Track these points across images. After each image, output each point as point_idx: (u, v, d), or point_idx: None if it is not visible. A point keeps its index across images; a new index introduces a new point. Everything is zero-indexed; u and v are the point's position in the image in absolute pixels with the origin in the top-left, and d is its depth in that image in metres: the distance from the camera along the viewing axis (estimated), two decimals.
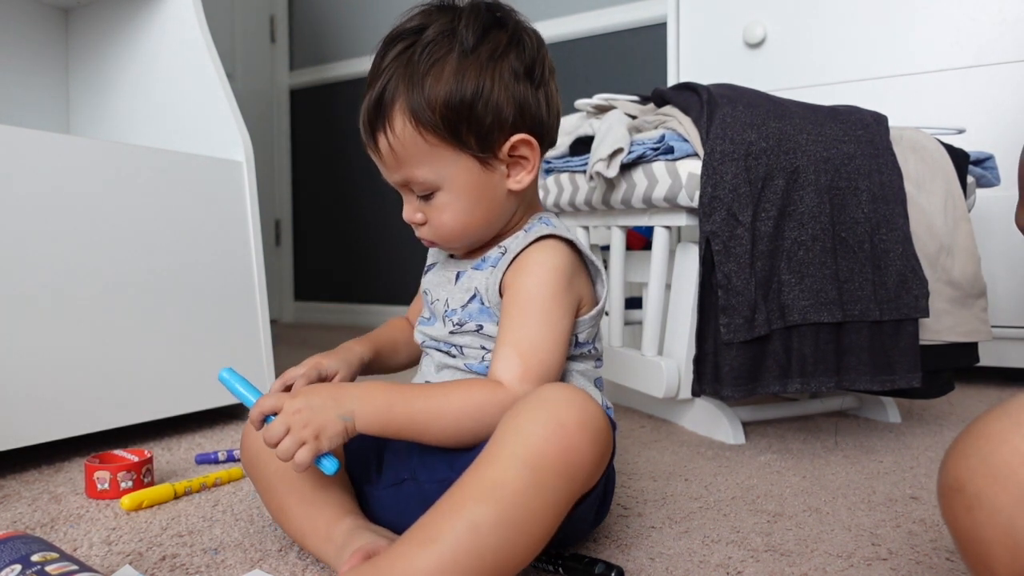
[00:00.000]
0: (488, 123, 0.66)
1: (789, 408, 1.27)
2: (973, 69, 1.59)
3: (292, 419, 0.61)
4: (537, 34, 0.72)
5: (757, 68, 1.79)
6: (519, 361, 0.64)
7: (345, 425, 0.61)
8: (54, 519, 0.83)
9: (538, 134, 0.70)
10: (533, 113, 0.69)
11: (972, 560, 0.47)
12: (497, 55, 0.67)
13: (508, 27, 0.69)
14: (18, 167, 1.02)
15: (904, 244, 1.11)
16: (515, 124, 0.68)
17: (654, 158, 1.14)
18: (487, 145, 0.67)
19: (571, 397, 0.58)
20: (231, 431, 1.24)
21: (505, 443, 0.56)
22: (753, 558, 0.71)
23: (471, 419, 0.63)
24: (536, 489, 0.54)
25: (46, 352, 1.03)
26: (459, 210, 0.69)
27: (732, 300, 1.04)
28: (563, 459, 0.55)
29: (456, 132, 0.66)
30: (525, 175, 0.69)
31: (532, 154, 0.69)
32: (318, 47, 3.02)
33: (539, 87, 0.70)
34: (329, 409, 0.61)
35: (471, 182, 0.68)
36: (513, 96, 0.67)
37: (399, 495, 0.71)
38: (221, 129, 1.36)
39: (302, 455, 0.60)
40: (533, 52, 0.69)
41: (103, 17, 1.52)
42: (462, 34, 0.66)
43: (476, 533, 0.52)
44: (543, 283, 0.67)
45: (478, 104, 0.66)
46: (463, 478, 0.56)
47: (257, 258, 1.35)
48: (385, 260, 2.88)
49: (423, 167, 0.67)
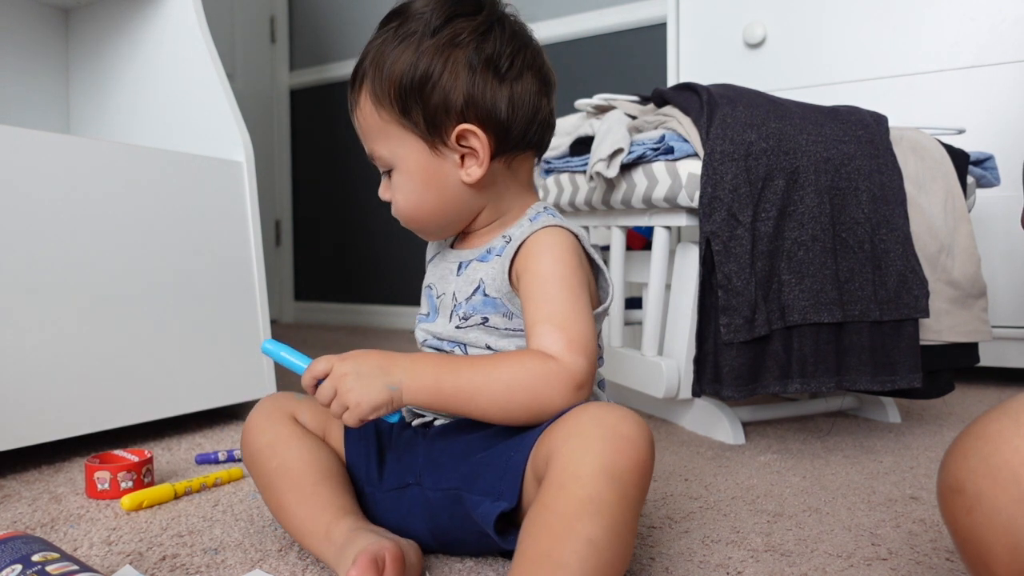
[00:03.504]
0: (434, 106, 0.66)
1: (789, 408, 1.27)
2: (973, 69, 1.59)
3: (339, 382, 0.62)
4: (522, 31, 0.71)
5: (757, 68, 1.79)
6: (561, 334, 0.63)
7: (391, 395, 0.61)
8: (54, 519, 0.83)
9: (491, 129, 0.68)
10: (486, 106, 0.67)
11: (972, 560, 0.47)
12: (456, 42, 0.66)
13: (480, 17, 0.68)
14: (18, 167, 1.02)
15: (904, 244, 1.11)
16: (463, 113, 0.67)
17: (654, 158, 1.14)
18: (434, 128, 0.67)
19: (620, 411, 0.59)
20: (231, 431, 1.24)
21: (582, 459, 0.55)
22: (753, 558, 0.71)
23: (524, 389, 0.61)
24: (625, 501, 0.54)
25: (46, 352, 1.03)
26: (409, 191, 0.70)
27: (732, 300, 1.04)
28: (637, 470, 0.56)
29: (406, 111, 0.67)
30: (476, 167, 0.68)
31: (480, 147, 0.67)
32: (318, 47, 3.02)
33: (503, 82, 0.68)
34: (376, 377, 0.62)
35: (420, 164, 0.69)
36: (464, 85, 0.66)
37: (402, 499, 0.70)
38: (221, 129, 1.36)
39: (348, 418, 0.61)
40: (502, 46, 0.68)
41: (103, 17, 1.52)
42: (429, 16, 0.67)
43: (596, 549, 0.51)
44: (558, 261, 0.66)
45: (427, 86, 0.66)
46: (548, 497, 0.54)
47: (257, 258, 1.35)
48: (385, 260, 2.88)
49: (379, 143, 0.70)
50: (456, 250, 0.76)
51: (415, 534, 0.70)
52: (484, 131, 0.67)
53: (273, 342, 0.69)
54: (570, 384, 0.62)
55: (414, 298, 2.79)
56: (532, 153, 0.73)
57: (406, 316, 2.83)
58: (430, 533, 0.69)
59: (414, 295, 2.79)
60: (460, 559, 0.70)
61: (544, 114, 0.71)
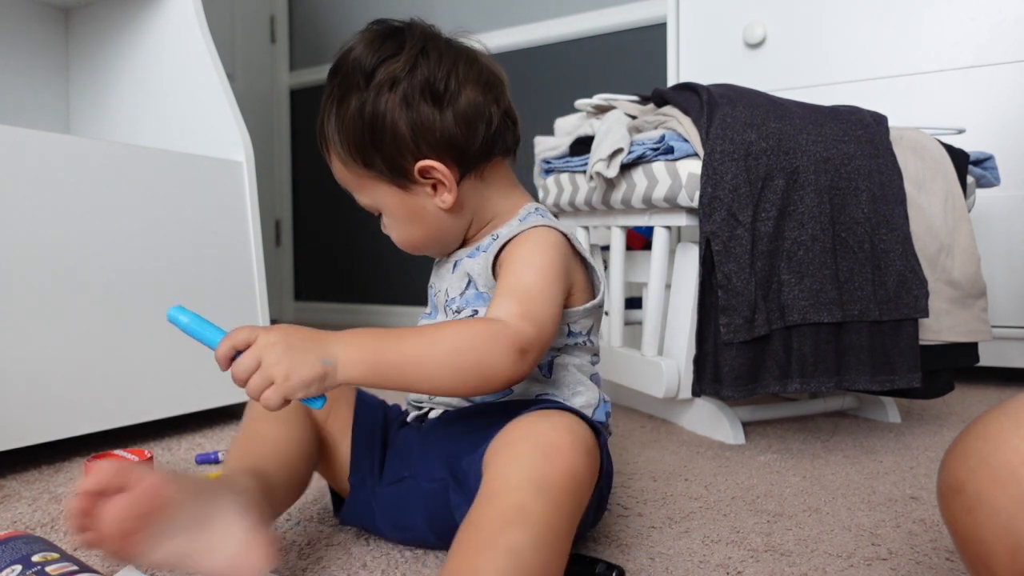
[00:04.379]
0: (389, 151, 0.67)
1: (789, 408, 1.27)
2: (973, 69, 1.59)
3: (264, 352, 0.54)
4: (450, 49, 0.69)
5: (757, 68, 1.79)
6: (515, 304, 0.62)
7: (325, 369, 0.55)
8: (54, 519, 0.83)
9: (447, 155, 0.68)
10: (435, 136, 0.67)
11: (972, 560, 0.47)
12: (390, 81, 0.66)
13: (403, 54, 0.67)
14: (18, 167, 1.02)
15: (904, 244, 1.11)
16: (417, 149, 0.67)
17: (654, 158, 1.14)
18: (397, 171, 0.68)
19: (554, 420, 0.59)
20: (231, 431, 1.24)
21: (509, 471, 0.55)
22: (753, 558, 0.71)
23: (471, 352, 0.58)
24: (555, 509, 0.54)
25: (46, 352, 1.03)
26: (400, 228, 0.73)
27: (732, 300, 1.04)
28: (566, 478, 0.55)
29: (369, 163, 0.69)
30: (447, 195, 0.69)
31: (443, 176, 0.68)
32: (318, 47, 3.02)
33: (444, 106, 0.67)
34: (308, 351, 0.55)
35: (398, 204, 0.71)
36: (407, 122, 0.66)
37: (399, 492, 0.71)
38: (221, 129, 1.36)
39: (269, 395, 0.54)
40: (432, 72, 0.67)
41: (103, 17, 1.52)
42: (362, 63, 0.67)
43: (518, 560, 0.50)
44: (537, 252, 0.67)
45: (375, 134, 0.67)
46: (476, 510, 0.54)
47: (257, 258, 1.35)
48: (385, 260, 2.88)
49: (360, 194, 0.73)
50: (456, 251, 0.78)
51: (415, 529, 0.70)
52: (441, 161, 0.68)
53: (181, 309, 0.58)
54: (513, 345, 0.59)
55: (414, 298, 2.79)
56: (501, 158, 0.73)
57: (406, 316, 2.83)
58: (429, 526, 0.69)
59: (414, 295, 2.79)
60: None
61: (497, 119, 0.70)
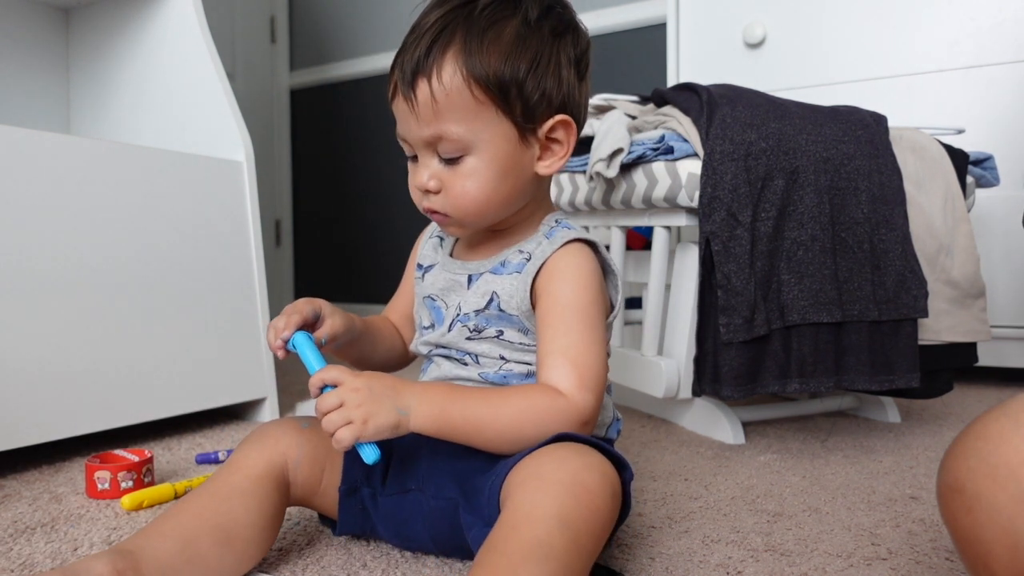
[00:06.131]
0: (536, 96, 0.66)
1: (789, 408, 1.27)
2: (973, 69, 1.59)
3: (348, 395, 0.59)
4: (587, 32, 0.73)
5: (757, 68, 1.79)
6: (572, 370, 0.63)
7: (399, 418, 0.60)
8: (54, 519, 0.83)
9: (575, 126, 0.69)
10: (575, 102, 0.69)
11: (971, 560, 0.47)
12: (557, 34, 0.67)
13: (566, 15, 0.70)
14: (18, 167, 1.02)
15: (903, 244, 1.11)
16: (559, 106, 0.68)
17: (654, 158, 1.14)
18: (530, 117, 0.66)
19: (590, 461, 0.58)
20: (231, 431, 1.24)
21: (535, 502, 0.54)
22: (753, 558, 0.71)
23: (532, 424, 0.62)
24: (576, 547, 0.53)
25: (46, 352, 1.03)
26: (485, 179, 0.65)
27: (732, 300, 1.04)
28: (592, 520, 0.55)
29: (506, 94, 0.64)
30: (556, 160, 0.69)
31: (567, 140, 0.69)
32: (318, 47, 3.02)
33: (583, 81, 0.70)
34: (387, 398, 0.60)
35: (505, 151, 0.65)
36: (564, 79, 0.67)
37: (403, 504, 0.70)
38: (221, 129, 1.36)
39: (344, 434, 0.58)
40: (584, 45, 0.70)
41: (103, 17, 1.52)
42: (527, 4, 0.66)
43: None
44: (580, 288, 0.66)
45: (532, 75, 0.65)
46: (499, 537, 0.53)
47: (257, 258, 1.35)
48: (385, 260, 2.88)
49: (462, 123, 0.63)
50: (460, 260, 0.75)
51: (415, 538, 0.70)
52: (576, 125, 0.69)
53: (304, 335, 0.67)
54: (577, 422, 0.63)
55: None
56: None
57: None
58: (430, 538, 0.69)
59: None
60: (462, 560, 0.70)
61: None
